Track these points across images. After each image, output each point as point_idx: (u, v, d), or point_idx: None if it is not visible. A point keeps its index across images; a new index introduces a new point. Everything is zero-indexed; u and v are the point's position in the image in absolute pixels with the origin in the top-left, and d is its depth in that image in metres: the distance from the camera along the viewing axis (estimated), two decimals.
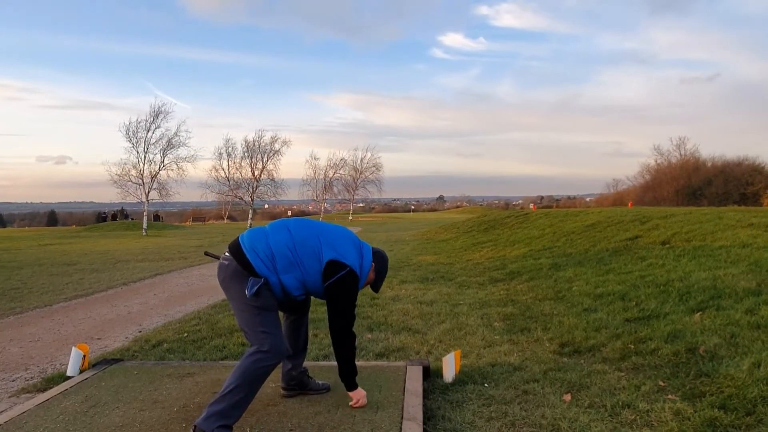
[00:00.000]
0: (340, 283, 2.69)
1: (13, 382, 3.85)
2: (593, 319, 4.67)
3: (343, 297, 2.72)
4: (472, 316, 5.33)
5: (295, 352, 3.08)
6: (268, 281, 2.62)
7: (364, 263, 2.82)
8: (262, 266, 2.62)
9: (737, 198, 37.51)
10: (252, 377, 2.55)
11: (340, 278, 2.69)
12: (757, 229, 7.02)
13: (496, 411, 2.94)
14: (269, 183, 40.42)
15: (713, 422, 2.62)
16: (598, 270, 6.70)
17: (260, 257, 2.62)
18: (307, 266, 2.67)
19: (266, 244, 2.66)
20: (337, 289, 2.70)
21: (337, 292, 2.71)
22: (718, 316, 4.07)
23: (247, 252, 2.64)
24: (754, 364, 3.12)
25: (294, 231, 2.72)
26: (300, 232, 2.72)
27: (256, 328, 2.61)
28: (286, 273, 2.65)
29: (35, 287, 8.50)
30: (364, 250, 2.86)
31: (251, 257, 2.62)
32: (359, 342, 4.48)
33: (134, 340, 4.96)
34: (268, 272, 2.62)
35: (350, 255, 2.76)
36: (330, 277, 2.68)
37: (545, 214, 14.99)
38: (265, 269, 2.62)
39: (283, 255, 2.64)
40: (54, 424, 2.77)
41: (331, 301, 2.73)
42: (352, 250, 2.78)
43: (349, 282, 2.71)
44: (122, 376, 3.55)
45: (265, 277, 2.61)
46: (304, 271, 2.67)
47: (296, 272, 2.66)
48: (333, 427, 2.65)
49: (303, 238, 2.70)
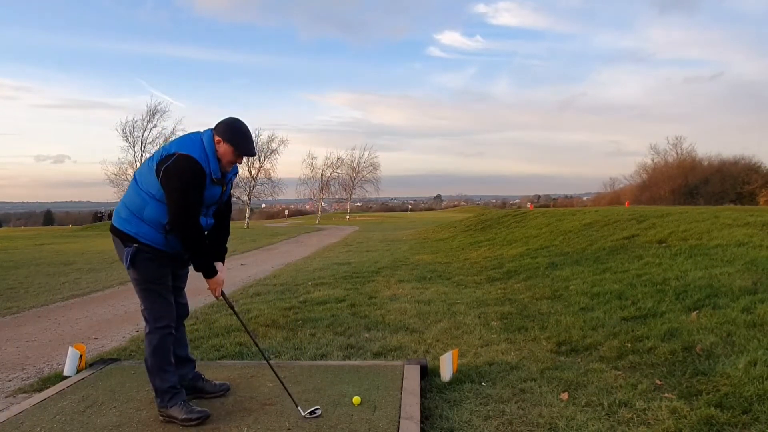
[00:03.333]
0: (170, 167, 2.61)
1: (10, 382, 3.84)
2: (590, 318, 4.69)
3: (175, 181, 2.60)
4: (469, 315, 5.34)
5: (175, 345, 2.97)
6: (141, 242, 2.69)
7: (204, 143, 2.70)
8: (126, 223, 2.73)
9: (733, 197, 37.64)
10: (156, 352, 2.78)
11: (170, 163, 2.62)
12: (753, 228, 7.04)
13: (493, 410, 2.94)
14: (266, 182, 40.43)
15: (709, 420, 2.63)
16: (595, 269, 6.72)
17: (122, 216, 2.76)
18: (150, 185, 2.68)
19: (121, 203, 2.82)
20: (168, 174, 2.61)
21: (168, 177, 2.61)
22: (714, 314, 4.09)
23: (113, 220, 2.82)
24: (750, 362, 3.13)
25: (135, 174, 2.83)
26: (138, 170, 2.83)
27: (143, 304, 2.81)
28: (145, 208, 2.69)
29: (32, 287, 8.47)
30: (202, 134, 2.77)
31: (116, 221, 2.78)
32: (357, 341, 4.48)
33: (131, 339, 4.95)
34: (134, 225, 2.71)
35: (177, 146, 2.69)
36: (160, 169, 2.64)
37: (542, 214, 15.01)
38: (129, 225, 2.72)
39: (132, 198, 2.74)
40: (51, 424, 2.77)
41: (165, 191, 2.63)
42: (180, 142, 2.72)
43: (180, 165, 2.60)
44: (119, 375, 3.55)
45: (137, 241, 2.69)
46: (151, 192, 2.68)
47: (147, 199, 2.69)
48: (330, 426, 2.65)
49: (140, 172, 2.79)
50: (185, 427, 2.70)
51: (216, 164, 2.73)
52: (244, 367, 3.66)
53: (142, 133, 29.24)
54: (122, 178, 29.24)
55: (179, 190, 2.61)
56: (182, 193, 2.61)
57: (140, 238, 2.70)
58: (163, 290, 2.80)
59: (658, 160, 49.28)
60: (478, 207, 79.55)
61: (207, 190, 2.72)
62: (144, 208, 2.69)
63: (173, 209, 2.63)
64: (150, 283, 2.76)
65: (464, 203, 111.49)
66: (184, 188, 2.61)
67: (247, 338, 4.62)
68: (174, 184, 2.60)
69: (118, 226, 2.76)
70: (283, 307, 5.94)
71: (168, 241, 2.73)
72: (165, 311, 2.80)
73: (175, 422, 2.72)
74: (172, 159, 2.63)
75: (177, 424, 2.71)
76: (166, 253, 2.76)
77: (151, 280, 2.76)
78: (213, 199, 2.82)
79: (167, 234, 2.71)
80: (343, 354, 4.14)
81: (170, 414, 2.74)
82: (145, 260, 2.71)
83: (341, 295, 6.61)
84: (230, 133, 2.73)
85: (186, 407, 2.75)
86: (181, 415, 2.71)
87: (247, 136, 2.78)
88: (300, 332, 4.86)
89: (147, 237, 2.70)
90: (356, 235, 23.51)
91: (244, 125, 2.79)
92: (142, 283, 2.76)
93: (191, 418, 2.71)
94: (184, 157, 2.62)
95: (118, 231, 2.76)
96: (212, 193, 2.78)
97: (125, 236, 2.72)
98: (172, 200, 2.62)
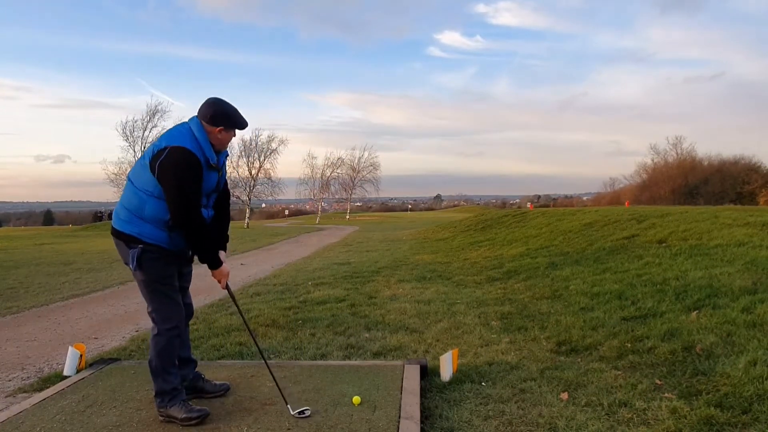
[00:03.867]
0: (164, 161, 2.59)
1: (10, 381, 3.84)
2: (590, 317, 4.69)
3: (171, 175, 2.58)
4: (469, 315, 5.34)
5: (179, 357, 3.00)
6: (145, 242, 2.68)
7: (194, 131, 2.70)
8: (127, 224, 2.71)
9: (733, 197, 37.64)
10: (162, 353, 2.77)
11: (164, 158, 2.60)
12: (753, 228, 7.04)
13: (493, 410, 2.94)
14: (266, 182, 40.40)
15: (709, 420, 2.63)
16: (595, 269, 6.72)
17: (122, 218, 2.74)
18: (146, 183, 2.67)
19: (119, 205, 2.81)
20: (163, 169, 2.59)
21: (163, 172, 2.59)
22: (714, 314, 4.09)
23: (113, 223, 2.81)
24: (750, 362, 3.13)
25: (129, 175, 2.82)
26: (131, 171, 2.82)
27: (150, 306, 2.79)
28: (144, 207, 2.68)
29: (32, 287, 8.47)
30: (189, 123, 2.75)
31: (116, 223, 2.77)
32: (357, 341, 4.48)
33: (131, 339, 4.95)
34: (135, 225, 2.70)
35: (167, 140, 2.68)
36: (155, 165, 2.63)
37: (542, 213, 15.01)
38: (130, 226, 2.71)
39: (130, 199, 2.72)
40: (51, 424, 2.77)
41: (163, 186, 2.62)
42: (169, 135, 2.72)
43: (174, 158, 2.59)
44: (119, 375, 3.55)
45: (141, 241, 2.68)
46: (148, 189, 2.67)
47: (145, 197, 2.68)
48: (330, 426, 2.65)
49: (134, 172, 2.77)
50: (185, 426, 2.70)
51: (210, 150, 2.73)
52: (244, 366, 3.66)
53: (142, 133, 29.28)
54: (122, 177, 29.26)
55: (176, 183, 2.59)
56: (180, 186, 2.59)
57: (144, 238, 2.69)
58: (171, 290, 2.80)
59: (658, 160, 49.35)
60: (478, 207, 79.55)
61: (204, 178, 2.72)
62: (143, 207, 2.68)
63: (174, 203, 2.61)
64: (157, 283, 2.75)
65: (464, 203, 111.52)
66: (181, 181, 2.59)
67: (247, 338, 4.62)
68: (170, 177, 2.59)
69: (120, 228, 2.74)
70: (283, 307, 5.94)
71: (172, 239, 2.72)
72: (173, 312, 2.79)
73: (175, 422, 2.72)
74: (165, 153, 2.60)
75: (177, 423, 2.71)
76: (171, 251, 2.76)
77: (158, 280, 2.75)
78: (211, 186, 2.81)
79: (171, 231, 2.70)
80: (343, 354, 4.14)
81: (170, 414, 2.74)
82: (151, 260, 2.70)
83: (341, 295, 6.61)
84: (225, 118, 2.74)
85: (185, 406, 2.75)
86: (181, 414, 2.72)
87: (237, 112, 2.81)
88: (300, 332, 4.86)
89: (150, 236, 2.69)
90: (356, 235, 23.51)
91: (229, 104, 2.80)
92: (150, 284, 2.75)
93: (191, 417, 2.71)
94: (177, 149, 2.61)
95: (119, 233, 2.74)
96: (209, 179, 2.77)
97: (128, 238, 2.71)
98: (171, 195, 2.61)
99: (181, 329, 2.85)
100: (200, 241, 2.71)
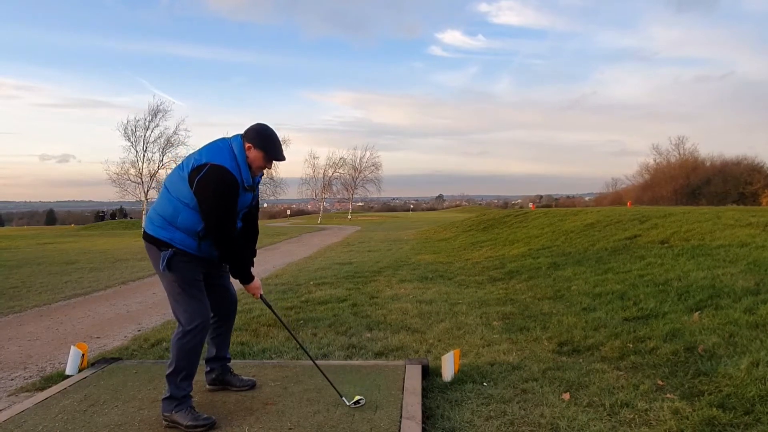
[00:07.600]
0: (203, 178, 2.62)
1: (12, 380, 3.85)
2: (592, 318, 4.68)
3: (209, 193, 2.62)
4: (471, 315, 5.34)
5: (218, 348, 3.15)
6: (176, 247, 2.71)
7: (235, 151, 2.73)
8: (160, 230, 2.74)
9: (736, 197, 37.55)
10: (189, 354, 2.77)
11: (203, 175, 2.63)
12: (756, 228, 7.03)
13: (494, 410, 2.94)
14: (268, 182, 40.41)
15: (711, 421, 2.63)
16: (596, 269, 6.71)
17: (155, 224, 2.77)
18: (181, 194, 2.69)
19: (153, 211, 2.84)
20: (201, 186, 2.62)
21: (201, 189, 2.62)
22: (716, 315, 4.08)
23: (146, 227, 2.84)
24: (753, 363, 3.12)
25: (166, 182, 2.84)
26: (168, 179, 2.84)
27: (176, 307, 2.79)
28: (178, 216, 2.71)
29: (34, 286, 8.49)
30: (231, 140, 2.80)
31: (149, 228, 2.79)
32: (359, 341, 4.48)
33: (133, 338, 4.96)
34: (168, 231, 2.73)
35: (208, 155, 2.70)
36: (194, 180, 2.65)
37: (544, 214, 15.00)
38: (164, 232, 2.73)
39: (164, 206, 2.74)
40: (53, 423, 2.77)
41: (200, 202, 2.65)
42: (210, 151, 2.73)
43: (213, 176, 2.62)
44: (121, 374, 3.55)
45: (172, 246, 2.71)
46: (184, 200, 2.69)
47: (180, 207, 2.70)
48: (332, 426, 2.66)
49: (170, 180, 2.79)
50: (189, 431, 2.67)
51: (247, 172, 2.78)
52: (245, 366, 3.66)
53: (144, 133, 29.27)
54: (124, 177, 29.31)
55: (213, 201, 2.64)
56: (216, 205, 2.64)
57: (175, 244, 2.73)
58: (197, 292, 2.82)
59: (661, 161, 49.24)
60: (480, 207, 79.49)
61: (240, 198, 2.76)
62: (177, 216, 2.71)
63: (208, 220, 2.67)
64: (185, 284, 2.77)
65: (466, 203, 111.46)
66: (218, 200, 2.64)
67: (249, 338, 4.63)
68: (208, 195, 2.63)
69: (153, 234, 2.77)
70: (284, 307, 5.95)
71: (201, 247, 2.77)
72: (199, 311, 2.79)
73: (179, 428, 2.68)
74: (205, 170, 2.64)
75: (181, 430, 2.67)
76: (201, 257, 2.80)
77: (186, 281, 2.77)
78: (244, 205, 2.87)
79: (201, 240, 2.74)
80: (345, 354, 4.15)
81: (174, 419, 2.71)
82: (181, 263, 2.74)
83: (343, 295, 6.61)
84: (260, 140, 2.77)
85: (192, 413, 2.71)
86: (186, 421, 2.67)
87: (276, 141, 2.83)
88: (302, 332, 4.86)
89: (182, 243, 2.74)
90: (358, 234, 23.51)
91: (273, 131, 2.84)
92: (178, 286, 2.76)
93: (197, 425, 2.66)
94: (217, 168, 2.64)
95: (152, 238, 2.77)
96: (244, 199, 2.83)
97: (160, 242, 2.74)
98: (206, 212, 2.66)
99: (207, 327, 2.86)
100: (232, 258, 2.79)
